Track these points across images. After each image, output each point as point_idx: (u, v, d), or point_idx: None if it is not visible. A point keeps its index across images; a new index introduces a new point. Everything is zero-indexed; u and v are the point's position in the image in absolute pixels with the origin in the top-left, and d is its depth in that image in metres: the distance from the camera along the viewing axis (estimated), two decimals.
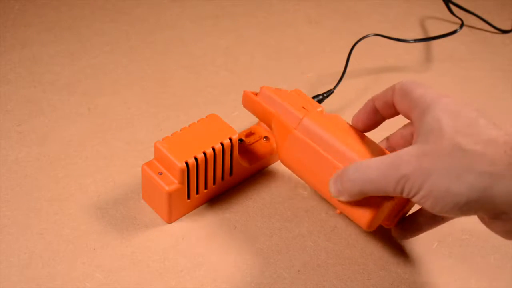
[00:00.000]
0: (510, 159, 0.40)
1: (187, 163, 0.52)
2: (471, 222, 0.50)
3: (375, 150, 0.51)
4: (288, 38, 0.77)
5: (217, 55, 0.73)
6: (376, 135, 0.53)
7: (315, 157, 0.51)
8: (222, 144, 0.54)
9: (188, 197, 0.54)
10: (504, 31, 0.81)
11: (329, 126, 0.52)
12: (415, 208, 0.53)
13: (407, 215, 0.53)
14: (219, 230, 0.55)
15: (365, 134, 0.53)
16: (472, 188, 0.41)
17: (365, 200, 0.48)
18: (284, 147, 0.53)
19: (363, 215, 0.49)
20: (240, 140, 0.59)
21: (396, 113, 0.50)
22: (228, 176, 0.57)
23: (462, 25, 0.77)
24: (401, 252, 0.54)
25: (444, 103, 0.44)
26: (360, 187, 0.46)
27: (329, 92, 0.65)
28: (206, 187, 0.55)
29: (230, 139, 0.54)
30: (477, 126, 0.43)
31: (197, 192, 0.55)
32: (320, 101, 0.64)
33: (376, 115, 0.52)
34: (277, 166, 0.61)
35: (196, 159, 0.52)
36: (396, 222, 0.53)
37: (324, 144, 0.50)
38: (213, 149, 0.53)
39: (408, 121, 0.50)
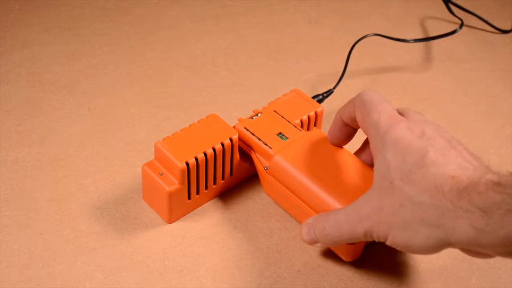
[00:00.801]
0: (457, 211, 0.41)
1: (187, 163, 0.52)
2: None
3: (351, 179, 0.51)
4: (288, 38, 0.77)
5: (217, 55, 0.73)
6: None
7: (289, 199, 0.53)
8: (222, 144, 0.54)
9: (189, 197, 0.54)
10: (504, 31, 0.81)
11: (303, 158, 0.53)
12: None
13: None
14: (219, 230, 0.55)
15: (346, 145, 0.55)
16: (429, 239, 0.42)
17: None
18: (264, 184, 0.55)
19: (342, 251, 0.52)
20: None
21: None
22: (228, 176, 0.57)
23: (462, 25, 0.77)
24: (401, 252, 0.54)
25: (395, 138, 0.45)
26: (337, 240, 0.48)
27: (329, 92, 0.65)
28: (206, 187, 0.55)
29: (231, 139, 0.54)
30: (424, 166, 0.43)
31: (197, 192, 0.55)
32: (320, 101, 0.64)
33: (347, 128, 0.52)
34: None
35: (196, 159, 0.53)
36: None
37: (295, 186, 0.52)
38: (214, 149, 0.53)
39: None
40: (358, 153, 0.54)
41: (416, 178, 0.43)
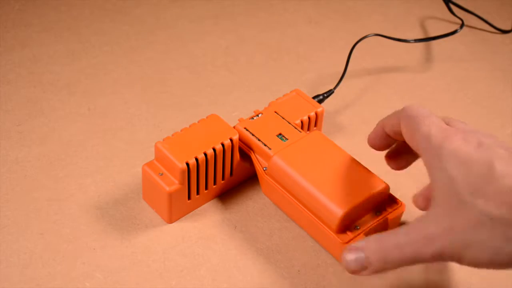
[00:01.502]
0: None
1: (187, 164, 0.52)
2: None
3: (349, 182, 0.51)
4: (288, 38, 0.77)
5: (217, 55, 0.73)
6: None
7: (286, 201, 0.53)
8: (222, 145, 0.54)
9: (189, 198, 0.54)
10: (504, 31, 0.81)
11: (302, 160, 0.53)
12: None
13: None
14: (219, 230, 0.55)
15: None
16: None
17: None
18: (262, 184, 0.55)
19: (338, 254, 0.51)
20: None
21: None
22: (228, 177, 0.57)
23: (462, 25, 0.77)
24: None
25: (452, 150, 0.42)
26: (398, 264, 0.44)
27: (330, 92, 0.65)
28: (206, 188, 0.55)
29: (231, 140, 0.54)
30: (493, 178, 0.40)
31: (197, 193, 0.55)
32: (320, 101, 0.64)
33: (389, 139, 0.50)
34: None
35: (196, 159, 0.52)
36: None
37: (293, 188, 0.52)
38: (214, 149, 0.53)
39: None
40: (392, 158, 0.53)
41: (488, 192, 0.40)
